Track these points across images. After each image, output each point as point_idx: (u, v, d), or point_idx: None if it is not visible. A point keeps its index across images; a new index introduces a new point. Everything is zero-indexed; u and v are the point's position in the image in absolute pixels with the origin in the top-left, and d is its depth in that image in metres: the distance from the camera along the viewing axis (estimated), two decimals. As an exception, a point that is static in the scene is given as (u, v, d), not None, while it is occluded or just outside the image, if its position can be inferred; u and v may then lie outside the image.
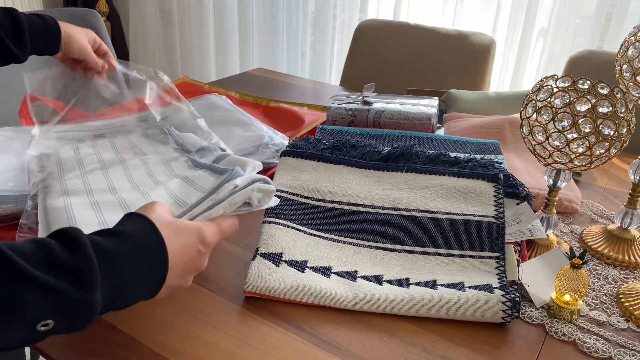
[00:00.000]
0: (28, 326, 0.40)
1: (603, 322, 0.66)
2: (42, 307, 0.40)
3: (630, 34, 0.76)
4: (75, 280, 0.41)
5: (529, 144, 0.73)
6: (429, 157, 0.83)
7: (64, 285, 0.40)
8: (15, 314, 0.39)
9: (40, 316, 0.40)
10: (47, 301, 0.40)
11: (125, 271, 0.45)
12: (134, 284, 0.46)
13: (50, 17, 0.89)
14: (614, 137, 0.67)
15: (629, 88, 0.76)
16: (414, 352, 0.60)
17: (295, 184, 0.80)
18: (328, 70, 2.53)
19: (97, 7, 2.58)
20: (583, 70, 1.38)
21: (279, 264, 0.68)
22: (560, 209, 0.90)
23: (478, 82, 1.56)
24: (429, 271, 0.70)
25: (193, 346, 0.59)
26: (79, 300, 0.41)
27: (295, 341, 0.61)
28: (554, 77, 0.70)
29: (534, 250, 0.77)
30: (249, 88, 1.44)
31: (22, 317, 0.39)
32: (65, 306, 0.41)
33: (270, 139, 0.97)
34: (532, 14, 1.93)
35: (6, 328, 0.39)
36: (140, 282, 0.47)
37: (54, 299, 0.40)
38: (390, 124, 1.04)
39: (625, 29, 1.77)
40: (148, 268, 0.47)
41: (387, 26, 1.70)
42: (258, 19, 2.55)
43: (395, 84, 1.60)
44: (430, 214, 0.76)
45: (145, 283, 0.48)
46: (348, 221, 0.76)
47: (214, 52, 2.63)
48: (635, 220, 0.79)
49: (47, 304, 0.40)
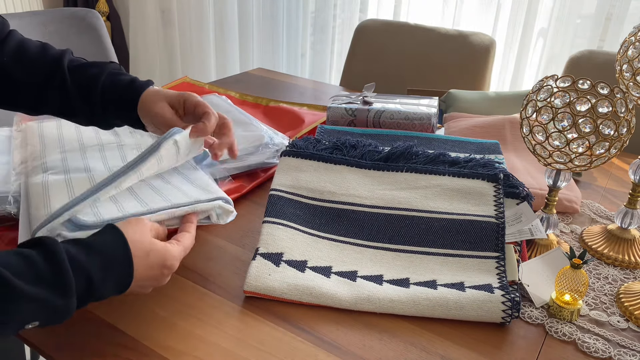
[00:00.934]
0: (18, 327, 0.49)
1: (603, 322, 0.66)
2: (31, 314, 0.48)
3: (630, 34, 0.76)
4: (56, 290, 0.49)
5: (529, 144, 0.73)
6: (429, 157, 0.83)
7: (48, 295, 0.48)
8: (9, 322, 0.47)
9: (29, 320, 0.49)
10: (35, 309, 0.48)
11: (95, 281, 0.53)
12: (102, 289, 0.54)
13: None
14: (614, 137, 0.67)
15: (629, 88, 0.76)
16: (414, 352, 0.60)
17: (295, 184, 0.80)
18: (328, 70, 2.53)
19: (97, 7, 2.58)
20: (583, 70, 1.38)
21: (279, 264, 0.68)
22: (560, 209, 0.90)
23: (478, 82, 1.56)
24: (429, 271, 0.70)
25: (193, 346, 0.59)
26: (60, 306, 0.50)
27: (295, 341, 0.61)
28: (554, 77, 0.70)
29: (534, 250, 0.77)
30: (249, 88, 1.44)
31: (15, 323, 0.48)
32: (49, 311, 0.49)
33: (270, 139, 0.97)
34: (532, 14, 1.93)
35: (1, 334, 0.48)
36: (107, 289, 0.55)
37: (40, 307, 0.48)
38: (390, 124, 1.04)
39: (625, 29, 1.77)
40: (115, 279, 0.55)
41: (387, 26, 1.70)
42: (258, 19, 2.55)
43: (395, 84, 1.60)
44: (430, 214, 0.76)
45: (110, 290, 0.56)
46: (348, 221, 0.76)
47: (214, 52, 2.63)
48: (635, 220, 0.79)
49: (35, 311, 0.48)
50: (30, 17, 1.46)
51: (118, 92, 0.73)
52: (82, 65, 0.74)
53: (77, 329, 0.61)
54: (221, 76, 2.58)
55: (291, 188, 0.79)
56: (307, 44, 2.51)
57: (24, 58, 0.73)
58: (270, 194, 0.78)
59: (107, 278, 0.54)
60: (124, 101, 0.73)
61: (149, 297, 0.66)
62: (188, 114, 0.74)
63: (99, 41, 1.54)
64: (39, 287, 0.48)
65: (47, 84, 0.73)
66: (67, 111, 0.75)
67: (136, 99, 0.73)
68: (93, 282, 0.52)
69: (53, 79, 0.73)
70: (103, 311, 0.63)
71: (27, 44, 0.74)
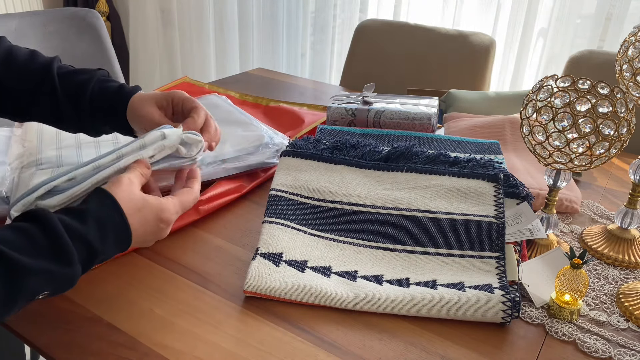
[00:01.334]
0: (29, 299, 0.51)
1: (603, 322, 0.66)
2: (39, 285, 0.50)
3: (630, 34, 0.76)
4: (59, 261, 0.51)
5: (529, 144, 0.73)
6: (429, 157, 0.83)
7: (52, 266, 0.50)
8: (18, 297, 0.49)
9: (38, 292, 0.51)
10: (41, 281, 0.50)
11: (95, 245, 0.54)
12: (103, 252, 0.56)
13: None
14: (614, 137, 0.67)
15: (629, 88, 0.76)
16: (414, 352, 0.60)
17: (295, 184, 0.80)
18: (328, 70, 2.53)
19: (97, 7, 2.58)
20: (583, 70, 1.38)
21: (279, 264, 0.68)
22: (560, 209, 0.90)
23: (478, 82, 1.56)
24: (429, 271, 0.70)
25: (193, 346, 0.59)
26: (66, 274, 0.52)
27: (295, 341, 0.61)
28: (554, 77, 0.70)
29: (534, 250, 0.77)
30: (249, 88, 1.44)
31: (25, 296, 0.50)
32: (55, 281, 0.51)
33: (270, 139, 0.97)
34: (532, 14, 1.93)
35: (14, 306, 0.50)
36: (109, 250, 0.57)
37: (46, 278, 0.50)
38: (390, 124, 1.04)
39: (625, 29, 1.77)
40: (114, 240, 0.57)
41: (387, 26, 1.70)
42: (258, 19, 2.55)
43: (395, 84, 1.60)
44: (430, 213, 0.76)
45: (112, 250, 0.57)
46: (348, 221, 0.76)
47: (214, 52, 2.63)
48: (635, 220, 0.79)
49: (42, 282, 0.50)
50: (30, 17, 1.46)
51: (107, 99, 0.73)
52: (70, 72, 0.74)
53: (77, 328, 0.61)
54: (221, 76, 2.58)
55: (291, 188, 0.79)
56: (307, 44, 2.51)
57: (12, 65, 0.73)
58: (270, 194, 0.78)
59: (106, 241, 0.55)
60: (112, 107, 0.73)
61: (148, 296, 0.66)
62: (177, 113, 0.74)
63: (99, 41, 1.54)
64: (41, 260, 0.49)
65: (36, 91, 0.73)
66: (55, 117, 0.75)
67: (124, 104, 0.73)
68: (93, 247, 0.54)
69: (42, 85, 0.73)
70: (103, 311, 0.63)
71: (16, 51, 0.75)
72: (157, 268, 0.71)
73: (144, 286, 0.68)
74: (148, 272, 0.70)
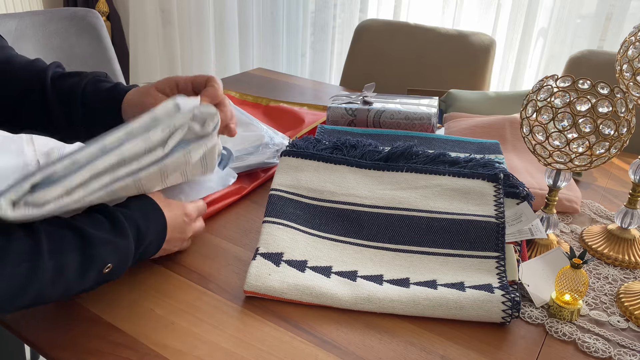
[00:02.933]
0: (98, 272, 0.57)
1: (603, 322, 0.66)
2: (107, 254, 0.57)
3: (630, 34, 0.76)
4: (118, 234, 0.58)
5: (529, 144, 0.73)
6: (429, 157, 0.83)
7: (113, 237, 0.58)
8: (92, 265, 0.56)
9: (105, 262, 0.57)
10: (109, 251, 0.57)
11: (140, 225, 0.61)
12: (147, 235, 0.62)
13: None
14: (614, 137, 0.67)
15: (629, 88, 0.76)
16: (414, 352, 0.60)
17: (295, 184, 0.80)
18: (328, 70, 2.53)
19: (97, 7, 2.58)
20: (583, 70, 1.38)
21: (279, 264, 0.68)
22: (560, 208, 0.90)
23: (478, 82, 1.56)
24: (429, 271, 0.70)
25: (193, 346, 0.59)
26: (125, 246, 0.59)
27: (295, 341, 0.61)
28: (554, 77, 0.70)
29: (534, 250, 0.77)
30: (249, 88, 1.44)
31: (96, 266, 0.56)
32: (118, 252, 0.58)
33: (270, 138, 0.97)
34: (532, 14, 1.93)
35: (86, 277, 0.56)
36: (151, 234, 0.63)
37: (112, 249, 0.57)
38: (391, 123, 1.04)
39: (625, 29, 1.77)
40: (154, 226, 0.64)
41: (387, 26, 1.70)
42: (258, 19, 2.54)
43: (395, 84, 1.60)
44: (430, 213, 0.76)
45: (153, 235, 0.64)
46: (348, 221, 0.76)
47: (214, 52, 2.63)
48: (635, 220, 0.79)
49: (109, 252, 0.57)
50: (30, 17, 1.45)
51: (100, 98, 0.71)
52: (64, 75, 0.74)
53: (77, 328, 0.61)
54: (221, 76, 2.58)
55: (291, 188, 0.79)
56: (307, 44, 2.51)
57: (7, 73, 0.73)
58: (270, 194, 0.78)
59: (148, 223, 0.62)
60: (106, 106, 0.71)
61: (148, 296, 0.66)
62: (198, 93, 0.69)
63: (99, 41, 1.54)
64: (103, 232, 0.57)
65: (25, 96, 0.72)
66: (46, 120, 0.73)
67: (119, 102, 0.71)
68: (139, 226, 0.61)
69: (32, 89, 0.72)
70: (103, 311, 0.63)
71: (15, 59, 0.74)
72: (157, 268, 0.71)
73: (144, 286, 0.68)
74: (148, 272, 0.70)
